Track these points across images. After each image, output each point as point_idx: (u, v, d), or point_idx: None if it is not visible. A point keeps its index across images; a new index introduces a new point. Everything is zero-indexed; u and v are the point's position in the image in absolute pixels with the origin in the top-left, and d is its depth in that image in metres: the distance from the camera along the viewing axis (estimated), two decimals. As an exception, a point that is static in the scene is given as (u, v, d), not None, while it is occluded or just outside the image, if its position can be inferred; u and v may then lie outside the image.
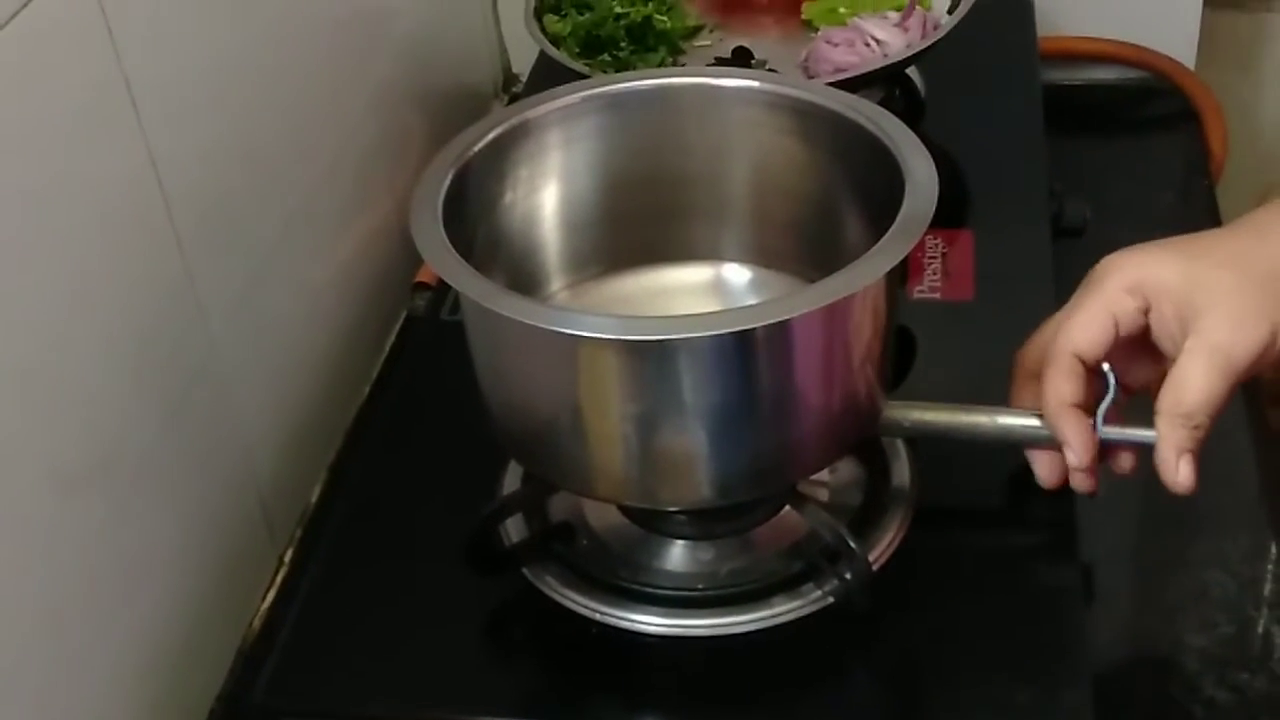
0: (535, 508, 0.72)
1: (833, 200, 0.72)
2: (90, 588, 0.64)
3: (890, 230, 0.61)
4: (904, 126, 0.67)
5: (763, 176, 0.74)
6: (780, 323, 0.60)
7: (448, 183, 0.67)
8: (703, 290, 0.76)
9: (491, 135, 0.70)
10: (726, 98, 0.74)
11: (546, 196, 0.74)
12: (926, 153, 0.65)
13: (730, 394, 0.61)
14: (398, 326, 0.96)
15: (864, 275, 0.60)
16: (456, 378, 0.81)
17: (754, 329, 0.59)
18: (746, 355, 0.61)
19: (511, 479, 0.74)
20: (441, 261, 0.63)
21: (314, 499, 0.85)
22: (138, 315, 0.67)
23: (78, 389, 0.62)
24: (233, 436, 0.76)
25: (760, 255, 0.76)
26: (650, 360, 0.61)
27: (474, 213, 0.69)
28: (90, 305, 0.63)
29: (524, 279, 0.73)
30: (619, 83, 0.74)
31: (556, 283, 0.75)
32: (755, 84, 0.73)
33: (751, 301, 0.74)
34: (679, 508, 0.69)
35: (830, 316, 0.61)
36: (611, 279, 0.76)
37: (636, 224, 0.76)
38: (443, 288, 0.89)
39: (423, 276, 0.96)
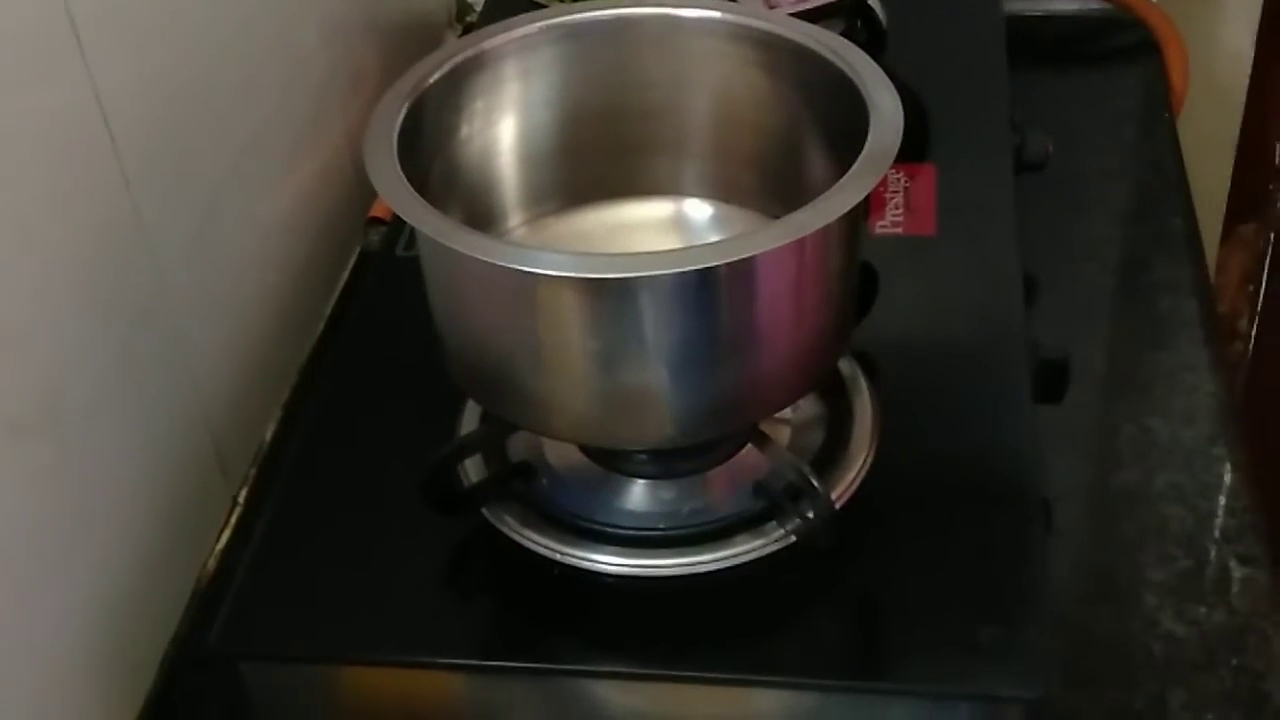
0: (494, 447, 0.71)
1: (796, 134, 0.71)
2: (38, 532, 0.62)
3: (855, 165, 0.60)
4: (868, 59, 0.66)
5: (725, 109, 0.73)
6: (743, 260, 0.59)
7: (402, 116, 0.65)
8: (664, 226, 0.75)
9: (447, 67, 0.69)
10: (688, 29, 0.72)
11: (504, 130, 0.72)
12: (891, 86, 0.64)
13: (692, 332, 0.61)
14: (351, 262, 0.95)
15: (828, 211, 0.59)
16: (412, 314, 0.80)
17: (716, 266, 0.58)
18: (708, 293, 0.60)
19: (470, 418, 0.73)
20: (396, 196, 0.61)
21: (268, 438, 0.83)
22: (84, 254, 0.65)
23: (22, 330, 0.61)
24: (184, 376, 0.75)
25: (722, 190, 0.75)
26: (610, 298, 0.60)
27: (429, 147, 0.68)
28: (34, 245, 0.61)
29: (481, 214, 0.72)
30: (578, 13, 0.73)
31: (514, 218, 0.74)
32: (717, 15, 0.72)
33: (713, 238, 0.73)
34: (641, 447, 0.68)
35: (794, 253, 0.60)
36: (571, 214, 0.75)
37: (596, 158, 0.74)
38: (397, 223, 0.88)
39: (376, 212, 0.94)
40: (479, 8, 1.11)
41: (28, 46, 0.60)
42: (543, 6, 0.89)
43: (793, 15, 0.77)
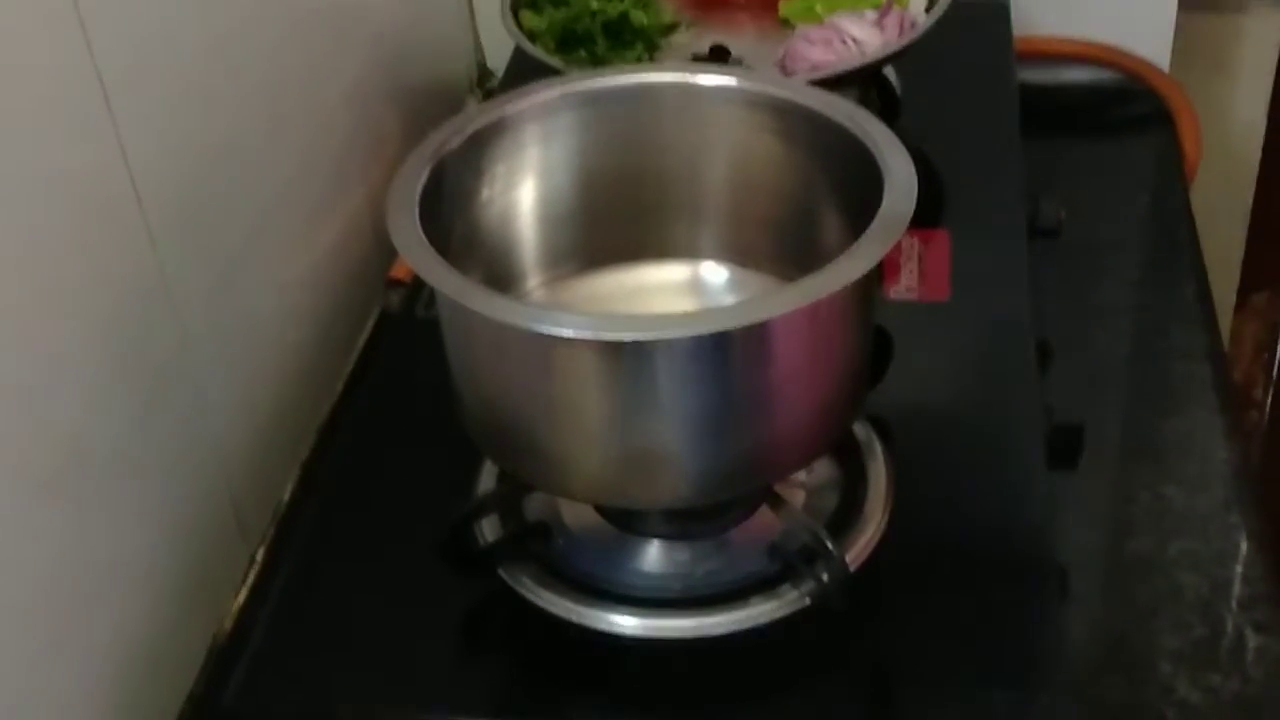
0: (511, 507, 0.71)
1: (811, 199, 0.71)
2: (59, 587, 0.63)
3: (869, 230, 0.61)
4: (883, 125, 0.67)
5: (741, 174, 0.74)
6: (758, 323, 0.59)
7: (424, 178, 0.66)
8: (680, 288, 0.76)
9: (468, 131, 0.70)
10: (705, 95, 0.73)
11: (524, 193, 0.73)
12: (905, 152, 0.65)
13: (708, 394, 0.61)
14: (371, 323, 0.96)
15: (841, 276, 0.60)
16: (431, 375, 0.81)
17: (732, 329, 0.59)
18: (724, 355, 0.61)
19: (487, 478, 0.74)
20: (417, 257, 0.62)
21: (286, 496, 0.84)
22: (109, 312, 0.66)
23: (46, 386, 0.62)
24: (204, 433, 0.75)
25: (738, 254, 0.76)
26: (627, 360, 0.60)
27: (450, 209, 0.69)
28: (60, 302, 0.62)
29: (501, 275, 0.73)
30: (597, 79, 0.74)
31: (533, 279, 0.75)
32: (734, 81, 0.73)
33: (729, 300, 0.74)
34: (656, 507, 0.68)
35: (808, 317, 0.61)
36: (589, 276, 0.76)
37: (614, 221, 0.75)
38: (417, 284, 0.88)
39: (397, 273, 0.95)
40: (500, 74, 1.13)
41: (57, 104, 0.62)
42: (561, 72, 0.91)
43: (808, 83, 0.78)
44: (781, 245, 0.74)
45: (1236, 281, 1.31)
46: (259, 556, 0.80)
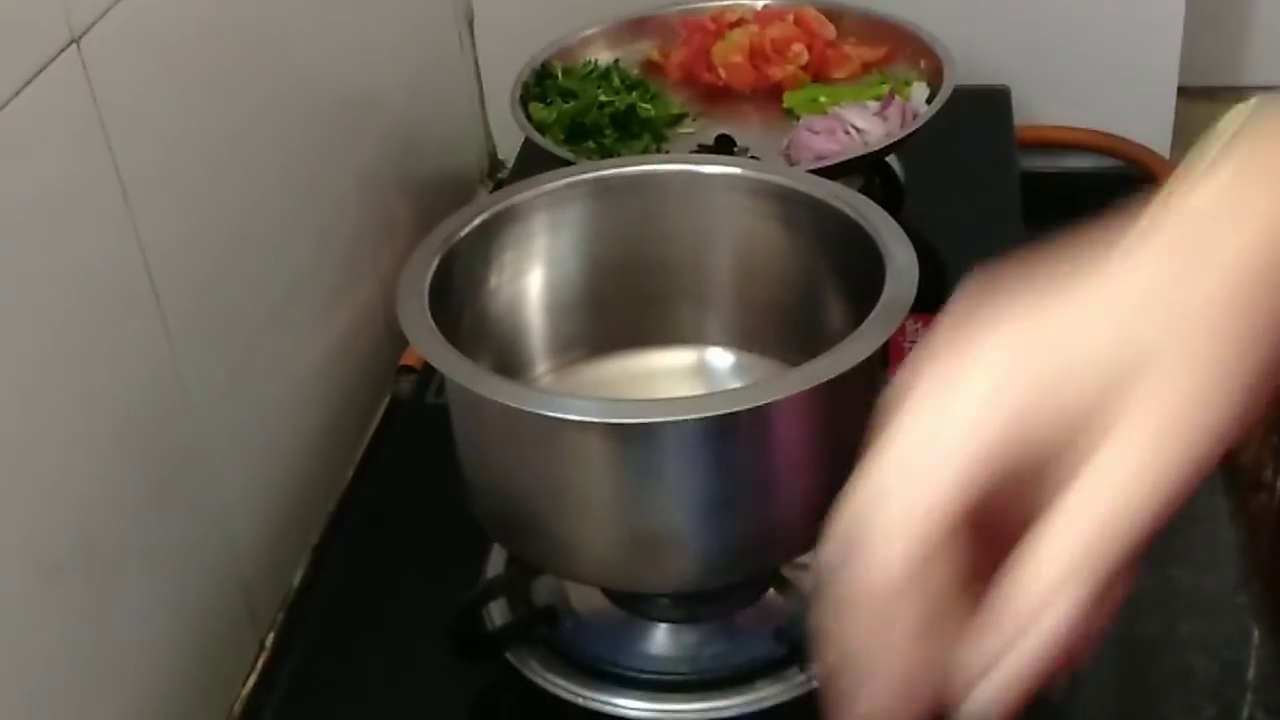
0: (519, 591, 0.72)
1: (815, 285, 0.72)
2: (68, 673, 0.63)
3: (871, 315, 0.62)
4: (884, 213, 0.68)
5: (746, 261, 0.75)
6: (763, 406, 0.60)
7: (434, 267, 0.67)
8: (686, 374, 0.77)
9: (477, 220, 0.71)
10: (710, 184, 0.75)
11: (532, 280, 0.75)
12: (906, 239, 0.66)
13: (714, 477, 0.62)
14: (382, 410, 0.96)
15: (845, 359, 0.61)
16: (440, 461, 0.81)
17: (737, 412, 0.60)
18: (730, 438, 0.61)
19: (495, 563, 0.74)
20: (427, 344, 0.63)
21: (296, 582, 0.84)
22: (122, 399, 0.67)
23: (59, 473, 0.62)
24: (215, 520, 0.76)
25: (743, 339, 0.77)
26: (634, 443, 0.61)
27: (459, 297, 0.70)
28: (75, 389, 0.63)
29: (509, 362, 0.74)
30: (603, 169, 0.75)
31: (541, 366, 0.76)
32: (738, 170, 0.75)
33: (735, 385, 0.75)
34: (663, 591, 0.68)
35: (813, 400, 0.62)
36: (596, 362, 0.77)
37: (621, 308, 0.76)
38: (428, 371, 0.89)
39: (408, 360, 0.96)
40: (510, 164, 1.15)
41: (76, 197, 0.63)
42: (570, 163, 0.93)
43: (812, 172, 0.80)
44: (786, 330, 0.75)
45: (1243, 364, 1.31)
46: (269, 642, 0.80)
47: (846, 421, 0.64)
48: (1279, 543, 1.31)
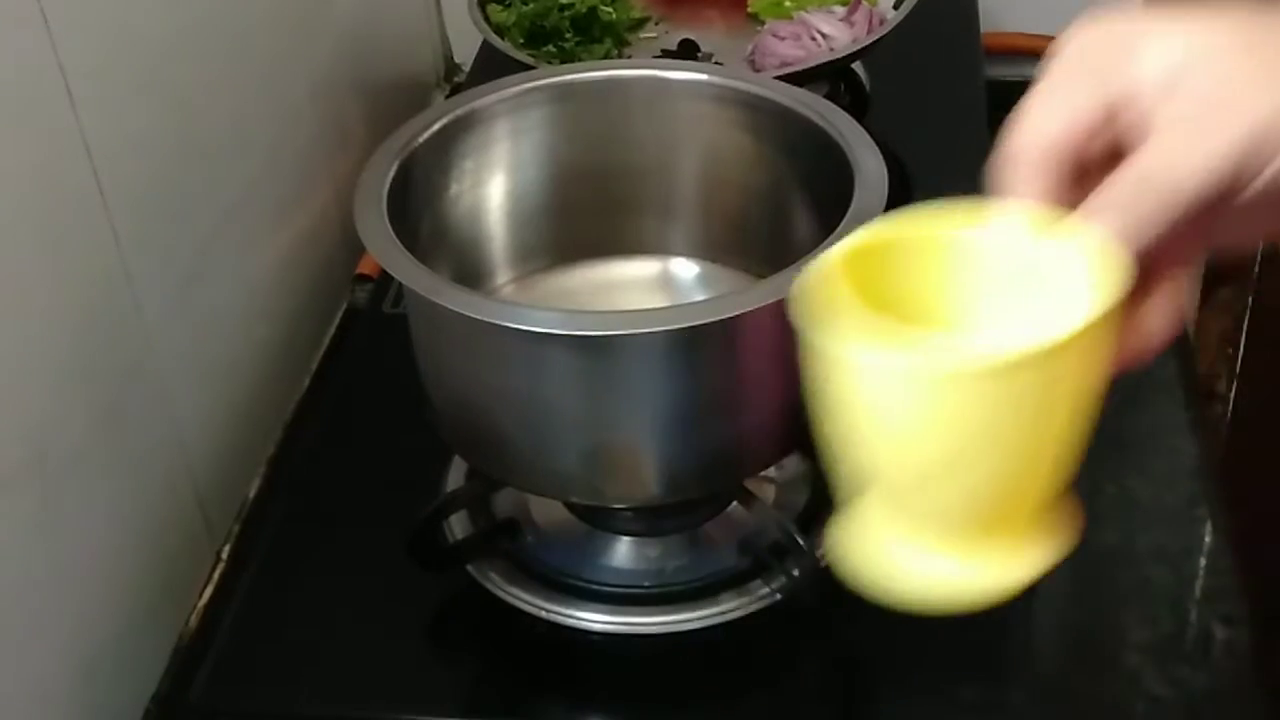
0: (479, 504, 0.71)
1: (781, 195, 0.71)
2: (20, 587, 0.62)
3: (840, 225, 0.61)
4: (853, 121, 0.67)
5: (711, 170, 0.74)
6: (732, 319, 0.59)
7: (392, 174, 0.66)
8: (651, 284, 0.76)
9: (437, 126, 0.70)
10: (676, 90, 0.73)
11: (493, 188, 0.73)
12: (876, 148, 0.65)
13: (680, 391, 0.61)
14: (338, 319, 0.95)
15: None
16: (398, 371, 0.80)
17: (705, 325, 0.59)
18: (698, 352, 0.61)
19: (455, 475, 0.73)
20: (386, 254, 0.62)
21: (252, 494, 0.83)
22: (72, 311, 0.65)
23: (8, 385, 0.61)
24: (168, 431, 0.75)
25: (708, 250, 0.76)
26: (598, 356, 0.60)
27: (419, 204, 0.68)
28: (23, 301, 0.62)
29: (470, 272, 0.73)
30: (566, 74, 0.74)
31: (503, 276, 0.75)
32: (705, 77, 0.73)
33: (700, 297, 0.74)
34: (627, 504, 0.68)
35: (780, 312, 0.61)
36: (559, 272, 0.76)
37: (584, 217, 0.75)
38: (384, 280, 0.88)
39: (364, 268, 0.95)
40: (467, 68, 1.12)
41: (20, 101, 0.61)
42: (531, 68, 0.91)
43: (778, 79, 0.78)
44: (751, 241, 0.74)
45: (1201, 275, 1.32)
46: (224, 554, 0.80)
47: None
48: (1232, 453, 1.33)
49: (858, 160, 0.65)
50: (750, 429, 0.64)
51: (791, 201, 0.71)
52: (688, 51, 0.97)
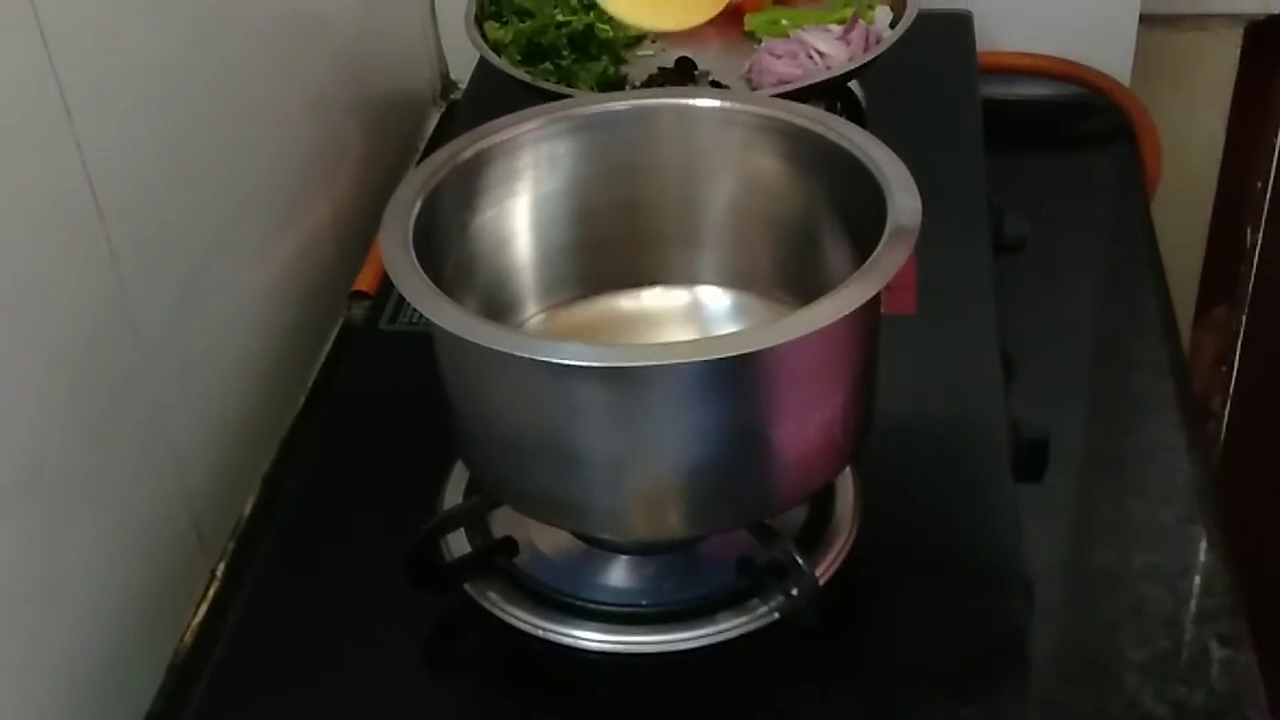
0: (477, 522, 0.71)
1: (812, 222, 0.71)
2: (13, 604, 0.62)
3: (874, 252, 0.61)
4: (882, 145, 0.67)
5: (740, 199, 0.73)
6: (763, 351, 0.58)
7: (418, 208, 0.65)
8: (681, 315, 0.75)
9: (462, 158, 0.69)
10: (703, 119, 0.73)
11: (519, 221, 0.72)
12: (907, 172, 0.65)
13: (711, 424, 0.60)
14: (333, 336, 0.95)
15: (850, 299, 0.59)
16: (395, 388, 0.80)
17: (735, 357, 0.58)
18: (728, 384, 0.60)
19: (452, 492, 0.73)
20: (413, 288, 0.61)
21: (247, 511, 0.83)
22: (68, 325, 0.65)
23: (3, 401, 0.61)
24: (163, 447, 0.74)
25: (738, 279, 0.75)
26: (628, 389, 0.60)
27: (444, 238, 0.67)
28: (18, 315, 0.61)
29: (497, 304, 0.72)
30: (592, 105, 0.73)
31: (531, 308, 0.74)
32: (732, 104, 0.73)
33: (730, 327, 0.73)
34: (652, 540, 0.68)
35: (814, 344, 0.60)
36: (587, 303, 0.75)
37: (611, 248, 0.74)
38: (381, 296, 0.88)
39: (360, 284, 0.94)
40: (463, 84, 1.12)
41: (18, 117, 0.61)
42: (528, 84, 0.91)
43: (776, 96, 0.78)
44: (783, 269, 0.73)
45: (1195, 294, 1.32)
46: (219, 572, 0.79)
47: (850, 362, 0.63)
48: (1227, 471, 1.33)
49: (889, 184, 0.64)
50: (780, 464, 0.63)
51: (822, 228, 0.70)
52: (685, 69, 0.97)
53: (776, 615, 0.66)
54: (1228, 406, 1.37)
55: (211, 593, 0.78)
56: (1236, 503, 1.24)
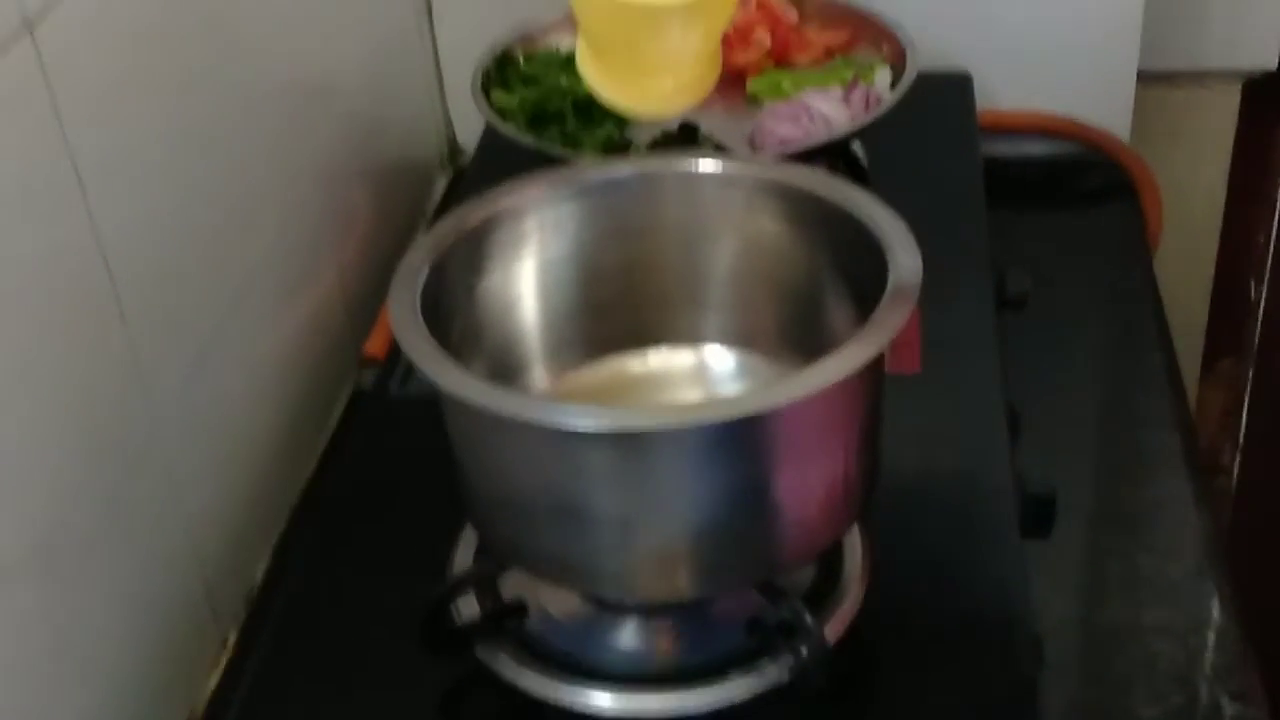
0: (487, 585, 0.71)
1: (815, 282, 0.71)
2: (28, 671, 0.62)
3: (875, 311, 0.61)
4: (883, 205, 0.68)
5: (744, 260, 0.74)
6: (769, 412, 0.59)
7: (425, 274, 0.66)
8: (687, 376, 0.76)
9: (469, 223, 0.70)
10: (706, 183, 0.74)
11: (525, 285, 0.73)
12: (909, 232, 0.66)
13: (718, 484, 0.61)
14: (344, 401, 0.95)
15: (854, 358, 0.60)
16: (405, 453, 0.81)
17: (741, 419, 0.59)
18: (734, 445, 0.60)
19: (462, 556, 0.73)
20: (421, 353, 0.61)
21: (259, 578, 0.83)
22: (80, 395, 0.66)
23: (15, 471, 0.61)
24: (175, 516, 0.75)
25: (743, 339, 0.76)
26: (636, 452, 0.60)
27: (452, 303, 0.68)
28: (31, 385, 0.62)
29: (505, 367, 0.72)
30: (597, 170, 0.74)
31: (538, 371, 0.75)
32: (735, 168, 0.74)
33: (736, 387, 0.74)
34: (660, 601, 0.68)
35: (820, 403, 0.61)
36: (594, 365, 0.75)
37: (617, 310, 0.75)
38: (391, 362, 0.88)
39: (370, 349, 0.95)
40: (471, 151, 1.14)
41: (32, 188, 0.62)
42: (534, 150, 0.92)
43: (778, 157, 0.79)
44: (787, 328, 0.74)
45: (1201, 348, 1.33)
46: (231, 639, 0.79)
47: (855, 420, 0.63)
48: (1238, 525, 1.33)
49: (890, 244, 0.65)
50: (788, 523, 0.64)
51: (825, 287, 0.71)
52: (688, 133, 0.98)
53: (787, 676, 0.66)
54: (1237, 460, 1.37)
55: (224, 660, 0.78)
56: (1248, 557, 1.24)
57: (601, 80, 0.65)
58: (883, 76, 1.00)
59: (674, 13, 0.59)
